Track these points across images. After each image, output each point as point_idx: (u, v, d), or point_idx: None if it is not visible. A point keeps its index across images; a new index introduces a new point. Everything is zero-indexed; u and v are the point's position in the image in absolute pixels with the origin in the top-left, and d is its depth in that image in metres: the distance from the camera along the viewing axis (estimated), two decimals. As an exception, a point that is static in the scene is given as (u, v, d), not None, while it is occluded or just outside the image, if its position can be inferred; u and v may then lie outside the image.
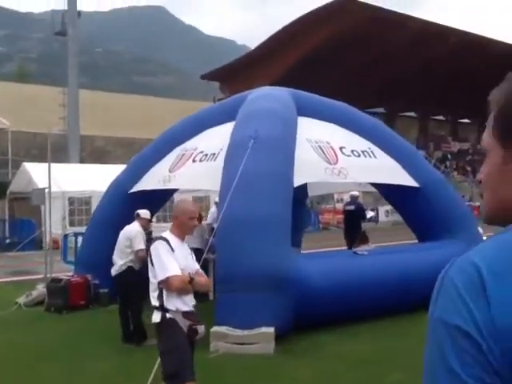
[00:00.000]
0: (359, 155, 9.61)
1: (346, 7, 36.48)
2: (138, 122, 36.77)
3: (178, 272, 4.40)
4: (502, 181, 1.05)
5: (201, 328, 4.57)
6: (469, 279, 0.94)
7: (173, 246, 4.49)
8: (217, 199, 9.28)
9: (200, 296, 5.57)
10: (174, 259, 4.43)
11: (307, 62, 38.29)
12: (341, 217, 20.01)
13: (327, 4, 37.42)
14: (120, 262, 7.80)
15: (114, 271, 7.84)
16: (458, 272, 0.96)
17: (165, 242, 4.50)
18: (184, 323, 4.44)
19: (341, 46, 37.81)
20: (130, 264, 7.74)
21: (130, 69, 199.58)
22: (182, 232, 4.65)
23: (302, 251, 11.29)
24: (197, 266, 4.77)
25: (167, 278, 4.36)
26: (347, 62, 40.02)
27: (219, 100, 27.34)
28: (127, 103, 47.57)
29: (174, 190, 10.95)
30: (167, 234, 4.65)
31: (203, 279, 4.69)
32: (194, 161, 9.01)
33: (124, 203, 9.43)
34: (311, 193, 12.88)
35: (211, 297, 8.85)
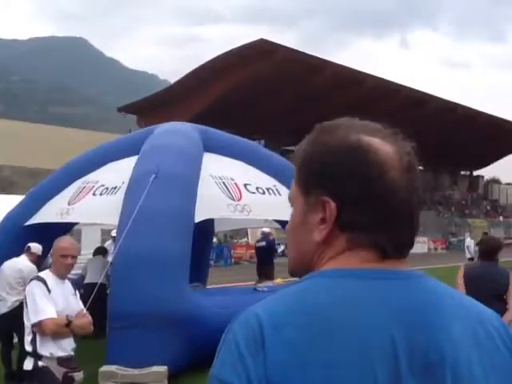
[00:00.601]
0: (264, 192, 9.72)
1: (266, 48, 37.39)
2: (51, 152, 35.69)
3: (53, 315, 4.18)
4: (302, 232, 1.04)
5: (78, 375, 4.34)
6: (250, 333, 0.92)
7: (50, 286, 4.25)
8: (113, 233, 9.08)
9: (97, 331, 5.38)
10: (49, 301, 4.20)
11: (227, 100, 38.73)
12: (253, 251, 20.13)
13: (248, 44, 38.24)
14: (12, 298, 7.43)
15: (3, 308, 7.44)
16: (240, 325, 0.94)
17: (40, 283, 4.27)
18: (59, 371, 4.19)
19: (260, 86, 38.55)
20: (22, 301, 7.39)
21: (48, 99, 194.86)
22: (57, 271, 4.43)
23: (209, 286, 11.22)
24: (80, 306, 4.56)
25: (40, 322, 4.14)
26: (266, 101, 40.79)
27: (134, 133, 27.05)
28: (40, 133, 46.09)
29: (75, 224, 10.62)
30: (45, 273, 4.44)
31: (84, 321, 4.43)
32: (94, 194, 8.79)
33: (18, 236, 9.00)
34: (218, 228, 12.86)
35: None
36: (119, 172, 8.92)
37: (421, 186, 1.05)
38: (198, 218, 8.15)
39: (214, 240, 25.13)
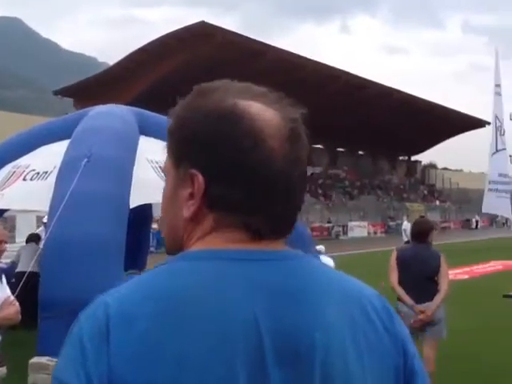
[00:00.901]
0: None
1: (206, 31, 37.03)
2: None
3: None
4: (172, 208, 0.95)
5: (0, 370, 4.17)
6: (96, 325, 0.83)
7: None
8: (45, 219, 8.82)
9: (28, 320, 5.17)
10: None
11: (166, 83, 38.18)
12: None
13: (188, 26, 37.78)
14: None
15: None
16: (87, 317, 0.85)
17: None
18: None
19: (200, 69, 38.17)
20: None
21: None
22: None
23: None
24: (7, 294, 4.36)
25: None
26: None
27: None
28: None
29: (5, 210, 10.24)
30: None
31: (11, 310, 4.19)
32: (24, 179, 8.47)
33: None
34: (157, 213, 12.68)
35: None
36: (51, 156, 8.61)
37: (306, 157, 0.95)
38: (133, 203, 7.96)
39: (155, 226, 24.83)
